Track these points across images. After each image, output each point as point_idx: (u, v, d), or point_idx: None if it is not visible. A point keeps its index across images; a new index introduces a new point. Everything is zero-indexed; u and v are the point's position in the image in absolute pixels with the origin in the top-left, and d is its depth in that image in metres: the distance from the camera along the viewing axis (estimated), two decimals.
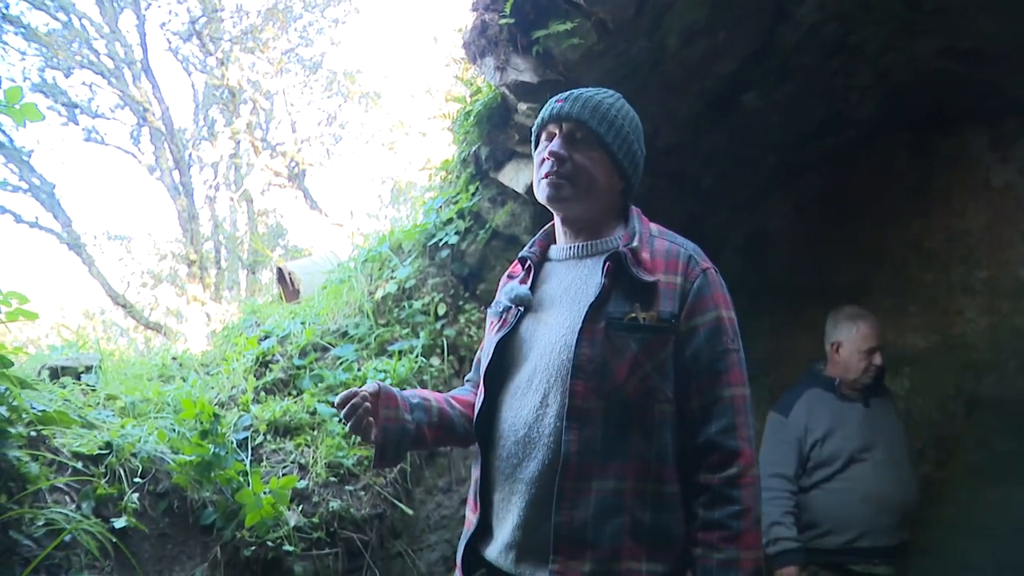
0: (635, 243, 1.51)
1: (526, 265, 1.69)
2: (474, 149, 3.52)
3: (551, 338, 1.50)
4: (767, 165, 4.38)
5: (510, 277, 1.76)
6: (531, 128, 1.72)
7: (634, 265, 1.48)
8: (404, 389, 3.17)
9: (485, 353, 1.65)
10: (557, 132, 1.58)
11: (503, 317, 1.63)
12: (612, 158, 1.57)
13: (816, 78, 3.74)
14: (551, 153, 1.56)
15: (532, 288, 1.62)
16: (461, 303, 3.54)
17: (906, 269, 4.23)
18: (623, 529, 1.38)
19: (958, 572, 3.77)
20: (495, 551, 1.51)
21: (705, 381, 1.44)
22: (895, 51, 3.61)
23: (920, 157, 4.21)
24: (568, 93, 1.61)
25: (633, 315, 1.44)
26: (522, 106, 3.17)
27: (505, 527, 1.49)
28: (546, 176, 1.56)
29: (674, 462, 1.44)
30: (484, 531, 1.57)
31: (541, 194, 1.59)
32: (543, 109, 1.63)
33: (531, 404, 1.48)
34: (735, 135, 3.94)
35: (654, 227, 1.62)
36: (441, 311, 3.46)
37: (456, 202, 3.62)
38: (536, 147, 1.66)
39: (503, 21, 2.98)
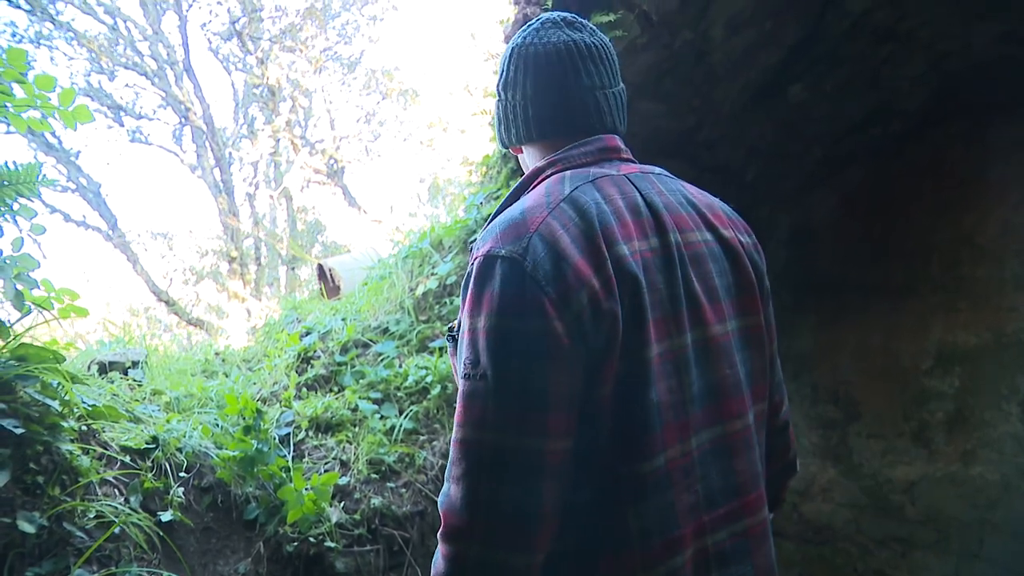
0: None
1: None
2: None
3: None
4: (812, 158, 4.27)
5: None
6: None
7: None
8: (445, 385, 3.19)
9: None
10: None
11: None
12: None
13: (864, 67, 3.63)
14: None
15: None
16: None
17: (957, 264, 4.09)
18: None
19: None
20: None
21: None
22: (950, 38, 3.48)
23: (973, 148, 4.06)
24: None
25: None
26: None
27: None
28: None
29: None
30: None
31: None
32: None
33: None
34: (779, 128, 3.85)
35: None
36: None
37: (497, 197, 3.59)
38: None
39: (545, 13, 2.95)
